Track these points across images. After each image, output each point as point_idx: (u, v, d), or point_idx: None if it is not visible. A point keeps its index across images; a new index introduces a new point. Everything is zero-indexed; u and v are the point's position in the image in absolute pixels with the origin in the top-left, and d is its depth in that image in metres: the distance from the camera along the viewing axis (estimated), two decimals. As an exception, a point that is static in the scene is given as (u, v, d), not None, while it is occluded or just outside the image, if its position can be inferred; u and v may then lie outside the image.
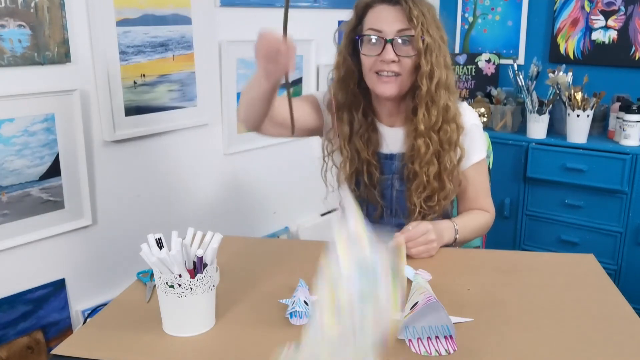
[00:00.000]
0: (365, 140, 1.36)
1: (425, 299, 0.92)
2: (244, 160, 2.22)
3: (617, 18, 2.50)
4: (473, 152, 1.36)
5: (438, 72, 1.25)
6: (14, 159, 1.52)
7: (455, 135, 1.30)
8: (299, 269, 1.21)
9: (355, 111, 1.35)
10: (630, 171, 2.24)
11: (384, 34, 1.24)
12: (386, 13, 1.25)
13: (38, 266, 1.64)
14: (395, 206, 1.39)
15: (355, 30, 1.32)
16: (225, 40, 2.01)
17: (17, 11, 1.46)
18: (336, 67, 1.36)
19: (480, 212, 1.42)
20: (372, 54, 1.26)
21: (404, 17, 1.23)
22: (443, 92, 1.27)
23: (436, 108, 1.27)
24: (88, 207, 1.70)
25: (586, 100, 2.33)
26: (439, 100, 1.27)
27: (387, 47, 1.24)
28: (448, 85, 1.28)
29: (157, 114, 1.86)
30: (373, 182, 1.37)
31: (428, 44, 1.23)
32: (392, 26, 1.24)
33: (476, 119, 1.38)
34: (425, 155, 1.29)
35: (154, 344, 0.93)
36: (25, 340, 1.62)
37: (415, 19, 1.21)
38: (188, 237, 0.97)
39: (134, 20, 1.73)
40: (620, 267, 2.34)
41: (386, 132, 1.38)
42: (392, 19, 1.24)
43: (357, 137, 1.35)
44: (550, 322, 0.97)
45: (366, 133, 1.36)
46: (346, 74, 1.34)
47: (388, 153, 1.38)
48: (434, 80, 1.25)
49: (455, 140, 1.31)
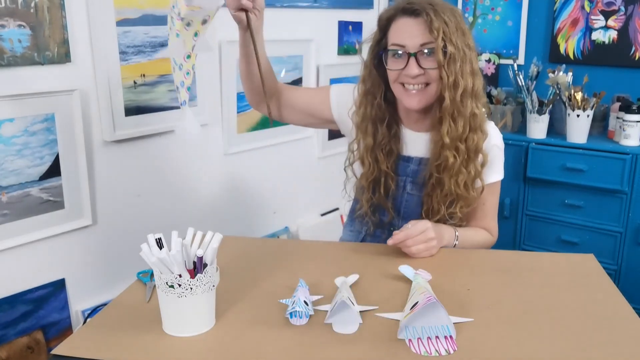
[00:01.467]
0: (387, 152, 1.36)
1: (425, 299, 0.92)
2: (244, 160, 2.22)
3: (617, 18, 2.50)
4: (490, 173, 1.36)
5: (463, 82, 1.23)
6: (14, 159, 1.52)
7: (482, 142, 1.30)
8: (299, 269, 1.21)
9: (380, 124, 1.35)
10: (630, 171, 2.24)
11: (407, 48, 1.23)
12: (409, 26, 1.24)
13: (38, 266, 1.64)
14: (404, 209, 1.39)
15: (379, 44, 1.32)
16: (225, 40, 2.01)
17: (17, 11, 1.46)
18: (362, 80, 1.36)
19: (483, 231, 1.42)
20: (397, 68, 1.26)
21: (425, 29, 1.21)
22: (469, 101, 1.26)
23: (462, 118, 1.26)
24: (88, 207, 1.70)
25: (586, 100, 2.33)
26: (465, 110, 1.25)
27: (411, 62, 1.23)
28: (475, 92, 1.27)
29: (157, 114, 1.86)
30: (388, 191, 1.38)
31: (451, 54, 1.21)
32: (415, 40, 1.23)
33: (499, 139, 1.38)
34: (454, 166, 1.28)
35: (154, 344, 0.93)
36: (25, 340, 1.62)
37: (437, 30, 1.20)
38: (188, 237, 0.97)
39: (134, 20, 1.73)
40: (620, 267, 2.34)
41: (409, 136, 1.38)
42: (415, 33, 1.23)
43: (379, 149, 1.35)
44: (550, 322, 0.97)
45: (388, 145, 1.36)
46: (372, 87, 1.34)
47: (406, 155, 1.38)
48: (459, 91, 1.23)
49: (480, 146, 1.30)
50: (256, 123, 2.24)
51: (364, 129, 1.36)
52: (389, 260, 1.22)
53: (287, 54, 2.29)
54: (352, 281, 1.12)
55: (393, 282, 1.14)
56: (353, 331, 0.96)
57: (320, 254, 1.30)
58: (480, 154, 1.32)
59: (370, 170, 1.36)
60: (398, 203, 1.39)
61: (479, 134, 1.30)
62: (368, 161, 1.36)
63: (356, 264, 1.22)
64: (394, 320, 0.98)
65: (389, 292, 1.10)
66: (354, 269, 1.18)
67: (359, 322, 0.98)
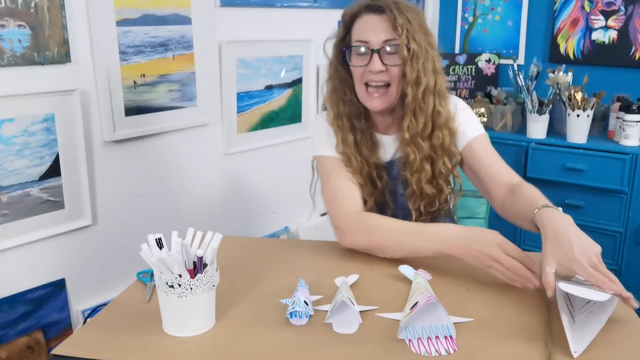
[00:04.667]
0: (370, 145, 1.35)
1: (425, 299, 0.92)
2: (244, 160, 2.22)
3: (617, 18, 2.50)
4: (468, 129, 1.32)
5: (425, 79, 1.24)
6: (14, 159, 1.52)
7: (448, 139, 1.29)
8: (299, 269, 1.21)
9: (356, 119, 1.34)
10: (630, 171, 2.24)
11: (371, 44, 1.24)
12: (372, 23, 1.24)
13: (38, 266, 1.64)
14: (402, 211, 1.39)
15: (344, 41, 1.32)
16: (225, 40, 2.01)
17: (17, 11, 1.46)
18: (329, 78, 1.36)
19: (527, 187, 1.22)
20: (360, 65, 1.26)
21: (389, 26, 1.22)
22: (431, 98, 1.26)
23: (424, 115, 1.26)
24: (88, 207, 1.70)
25: (586, 100, 2.33)
26: (427, 107, 1.26)
27: (374, 58, 1.24)
28: (438, 90, 1.27)
29: (157, 114, 1.86)
30: (383, 185, 1.37)
31: (414, 52, 1.22)
32: (378, 36, 1.23)
33: (461, 102, 1.36)
34: (414, 163, 1.28)
35: (154, 344, 0.93)
36: (25, 340, 1.62)
37: (400, 27, 1.21)
38: (188, 237, 0.97)
39: (134, 20, 1.73)
40: (620, 267, 2.34)
41: (382, 140, 1.38)
42: (378, 29, 1.23)
43: (362, 144, 1.34)
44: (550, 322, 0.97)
45: (370, 139, 1.35)
46: (340, 84, 1.34)
47: (388, 160, 1.38)
48: (421, 87, 1.24)
49: (448, 145, 1.29)
50: (256, 123, 2.24)
51: (340, 126, 1.34)
52: (389, 260, 1.22)
53: (287, 54, 2.29)
54: (352, 281, 1.12)
55: (393, 282, 1.14)
56: (353, 331, 0.96)
57: (320, 254, 1.29)
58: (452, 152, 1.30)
59: (360, 166, 1.34)
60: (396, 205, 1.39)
61: (445, 132, 1.28)
62: (355, 157, 1.33)
63: (356, 264, 1.22)
64: (394, 320, 0.98)
65: (389, 292, 1.10)
66: (354, 269, 1.18)
67: (359, 322, 0.98)
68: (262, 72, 2.20)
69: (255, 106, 2.22)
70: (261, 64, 2.19)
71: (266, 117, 2.27)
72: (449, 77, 2.90)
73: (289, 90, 2.34)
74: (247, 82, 2.15)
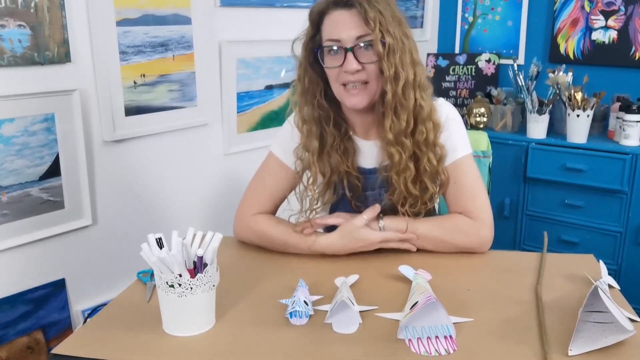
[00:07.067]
0: (342, 151, 1.27)
1: (425, 299, 0.92)
2: (244, 160, 2.22)
3: (617, 18, 2.50)
4: (452, 149, 1.25)
5: (404, 73, 1.16)
6: (14, 159, 1.52)
7: (432, 134, 1.21)
8: (299, 269, 1.21)
9: (325, 124, 1.26)
10: (630, 171, 2.25)
11: (343, 42, 1.16)
12: (342, 19, 1.17)
13: (38, 266, 1.64)
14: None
15: (313, 40, 1.24)
16: (225, 40, 2.01)
17: (17, 11, 1.46)
18: (298, 79, 1.28)
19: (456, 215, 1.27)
20: (335, 65, 1.19)
21: (361, 21, 1.15)
22: (412, 92, 1.18)
23: (406, 111, 1.18)
24: (88, 207, 1.70)
25: (586, 100, 2.33)
26: (408, 102, 1.18)
27: (349, 57, 1.16)
28: (418, 83, 1.19)
29: (157, 114, 1.86)
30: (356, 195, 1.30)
31: (389, 45, 1.14)
32: (350, 33, 1.16)
33: (453, 112, 1.28)
34: (400, 163, 1.20)
35: (154, 344, 0.93)
36: (25, 340, 1.62)
37: (372, 20, 1.13)
38: (188, 237, 0.97)
39: (134, 20, 1.73)
40: (620, 267, 2.34)
41: (363, 146, 1.30)
42: (350, 25, 1.16)
43: (333, 150, 1.27)
44: (550, 322, 0.97)
45: (342, 144, 1.28)
46: (310, 86, 1.26)
47: (370, 167, 1.30)
48: (400, 82, 1.16)
49: (432, 139, 1.22)
50: (256, 123, 2.24)
51: (308, 131, 1.27)
52: (389, 260, 1.22)
53: (287, 54, 2.27)
54: (352, 281, 1.12)
55: (393, 282, 1.14)
56: (353, 331, 0.96)
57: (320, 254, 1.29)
58: (437, 147, 1.23)
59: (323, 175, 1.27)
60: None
61: (428, 126, 1.21)
62: (315, 166, 1.26)
63: (356, 264, 1.22)
64: (394, 320, 0.98)
65: (389, 292, 1.10)
66: (354, 269, 1.18)
67: (359, 322, 0.98)
68: (262, 72, 2.20)
69: (255, 106, 2.22)
70: (261, 64, 2.19)
71: (266, 117, 2.27)
72: (449, 77, 2.91)
73: (289, 90, 2.34)
74: (247, 82, 2.15)
